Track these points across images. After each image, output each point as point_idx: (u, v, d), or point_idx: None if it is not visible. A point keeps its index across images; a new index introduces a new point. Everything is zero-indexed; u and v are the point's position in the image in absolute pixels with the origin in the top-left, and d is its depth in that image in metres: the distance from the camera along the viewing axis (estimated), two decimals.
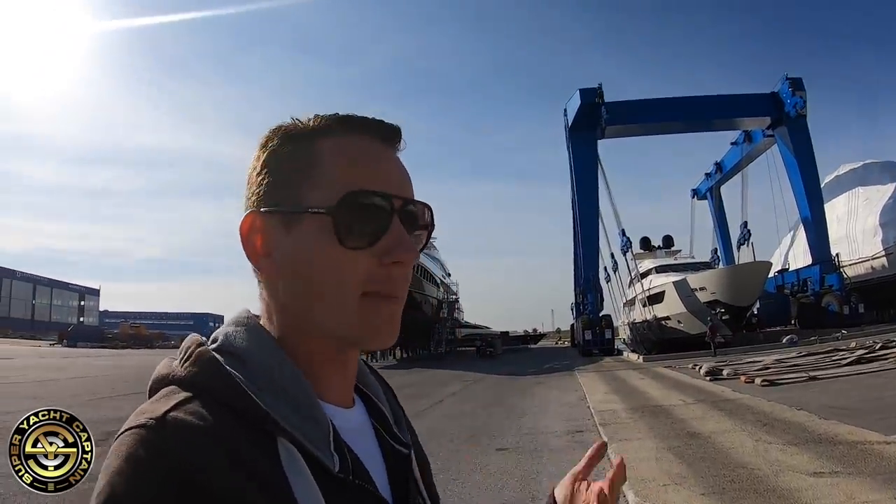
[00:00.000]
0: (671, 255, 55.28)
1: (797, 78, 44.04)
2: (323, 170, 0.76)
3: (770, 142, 47.22)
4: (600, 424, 11.08)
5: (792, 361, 19.28)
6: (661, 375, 21.38)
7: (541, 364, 33.27)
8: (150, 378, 0.76)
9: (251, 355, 0.74)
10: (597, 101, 45.30)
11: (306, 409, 0.73)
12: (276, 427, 0.69)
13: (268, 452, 0.67)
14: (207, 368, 0.72)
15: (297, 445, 0.69)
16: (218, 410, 0.67)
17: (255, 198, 0.79)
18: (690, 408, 12.37)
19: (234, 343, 0.76)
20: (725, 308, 36.27)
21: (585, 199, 46.40)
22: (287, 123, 0.81)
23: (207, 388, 0.70)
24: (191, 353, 0.74)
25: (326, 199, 0.74)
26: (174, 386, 0.71)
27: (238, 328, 0.78)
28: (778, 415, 10.45)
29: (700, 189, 65.64)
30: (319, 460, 0.70)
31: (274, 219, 0.77)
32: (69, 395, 16.53)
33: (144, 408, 0.69)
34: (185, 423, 0.64)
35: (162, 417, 0.64)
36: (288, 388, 0.73)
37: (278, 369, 0.74)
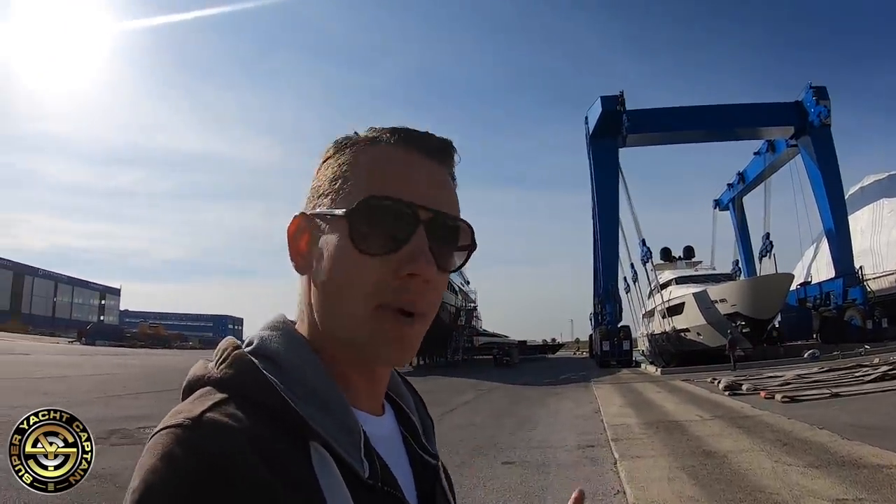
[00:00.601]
0: (692, 266, 54.46)
1: (821, 87, 43.34)
2: (357, 177, 0.79)
3: (793, 152, 46.46)
4: (612, 440, 10.76)
5: (813, 377, 18.76)
6: (679, 389, 20.96)
7: (557, 374, 32.94)
8: (185, 379, 0.77)
9: (286, 359, 0.75)
10: (618, 109, 44.90)
11: (339, 414, 0.74)
12: (309, 431, 0.70)
13: (301, 455, 0.69)
14: (243, 371, 0.73)
15: (329, 450, 0.71)
16: (253, 413, 0.68)
17: (307, 201, 0.83)
18: (707, 424, 12.00)
19: (270, 347, 0.77)
20: (746, 321, 35.59)
21: (606, 207, 46.01)
22: (344, 135, 0.84)
23: (243, 390, 0.71)
24: (227, 355, 0.76)
25: (343, 204, 0.77)
26: (210, 387, 0.73)
27: (273, 332, 0.79)
28: (799, 434, 10.08)
29: (722, 199, 64.70)
30: (350, 465, 0.71)
31: (315, 222, 0.80)
32: (80, 391, 16.68)
33: (181, 408, 0.70)
34: (222, 424, 0.66)
35: (198, 417, 0.66)
36: (321, 393, 0.74)
37: (312, 374, 0.75)
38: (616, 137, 45.71)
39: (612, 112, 44.97)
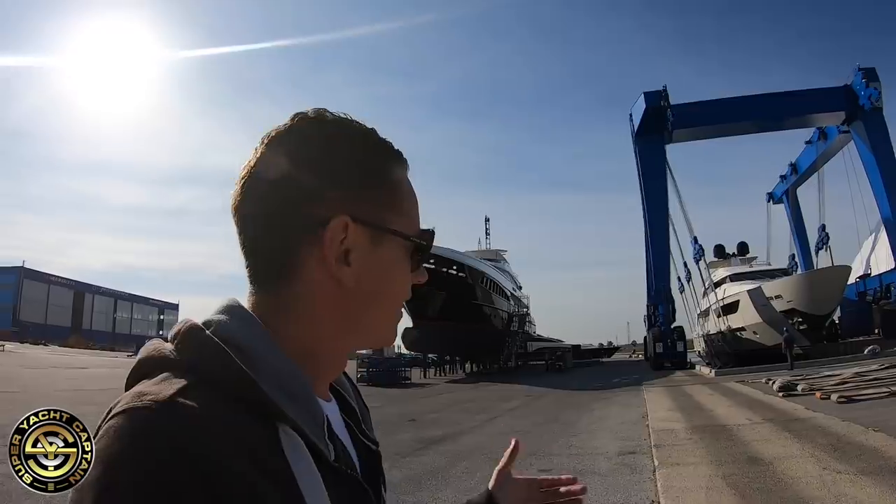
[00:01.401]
0: (746, 262, 53.10)
1: (870, 68, 41.99)
2: (401, 199, 0.85)
3: (846, 138, 44.96)
4: (655, 446, 10.47)
5: (872, 375, 17.93)
6: (732, 391, 20.33)
7: (609, 378, 32.48)
8: (136, 359, 0.75)
9: (247, 343, 0.73)
10: (662, 104, 44.30)
11: (303, 399, 0.74)
12: (279, 414, 0.69)
13: (271, 440, 0.68)
14: (208, 354, 0.71)
15: (299, 433, 0.70)
16: (222, 397, 0.67)
17: (339, 201, 0.79)
18: (756, 428, 11.56)
19: (230, 329, 0.74)
20: (803, 317, 34.47)
21: (655, 206, 45.33)
22: (363, 129, 0.84)
23: (209, 373, 0.69)
24: (188, 336, 0.73)
25: (407, 228, 0.84)
26: (172, 369, 0.70)
27: (231, 316, 0.77)
28: (852, 437, 9.62)
29: (776, 192, 63.03)
30: (317, 448, 0.72)
31: (362, 230, 0.79)
32: None
33: (143, 389, 0.67)
34: (193, 409, 0.63)
35: (168, 402, 0.63)
36: (284, 376, 0.73)
37: (274, 358, 0.74)
38: (661, 133, 45.14)
39: (656, 108, 44.45)
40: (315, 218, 0.77)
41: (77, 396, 16.88)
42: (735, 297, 41.62)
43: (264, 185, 0.79)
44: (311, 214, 0.77)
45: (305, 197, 0.78)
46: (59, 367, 30.79)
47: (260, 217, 0.79)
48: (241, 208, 0.80)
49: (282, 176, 0.78)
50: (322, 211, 0.77)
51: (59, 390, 19.49)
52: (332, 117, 0.83)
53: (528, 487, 1.14)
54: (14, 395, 16.53)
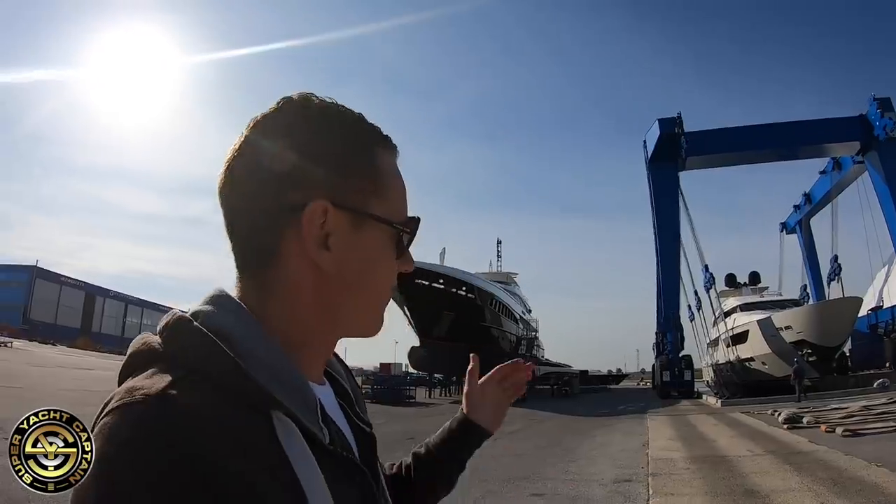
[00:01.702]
0: (757, 292, 52.82)
1: (885, 98, 41.58)
2: (386, 185, 0.84)
3: (860, 169, 44.55)
4: (651, 474, 10.27)
5: (880, 408, 17.55)
6: (736, 422, 19.99)
7: (614, 405, 32.13)
8: (127, 353, 0.75)
9: (235, 332, 0.73)
10: (676, 131, 44.21)
11: (294, 384, 0.74)
12: (272, 401, 0.69)
13: (265, 428, 0.68)
14: (196, 344, 0.71)
15: (292, 419, 0.70)
16: (213, 389, 0.67)
17: (319, 186, 0.78)
18: (756, 460, 11.31)
19: (217, 319, 0.74)
20: (812, 349, 34.00)
21: (666, 233, 45.15)
22: (349, 114, 0.84)
23: (199, 364, 0.69)
24: (179, 329, 0.73)
25: (392, 215, 0.83)
26: (161, 363, 0.70)
27: (218, 306, 0.77)
28: (853, 472, 9.38)
29: (789, 222, 62.65)
30: (311, 433, 0.72)
31: (343, 216, 0.79)
32: None
33: (134, 384, 0.67)
34: (185, 402, 0.64)
35: (160, 396, 0.64)
36: (273, 363, 0.73)
37: (262, 345, 0.74)
38: (675, 160, 44.97)
39: (671, 134, 44.39)
40: (295, 202, 0.77)
41: (80, 397, 16.70)
42: (745, 326, 41.18)
43: (247, 169, 0.79)
44: (292, 199, 0.77)
45: (286, 181, 0.77)
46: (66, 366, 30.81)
47: (242, 201, 0.79)
48: (225, 192, 0.80)
49: (264, 159, 0.78)
50: (302, 196, 0.77)
51: (63, 389, 19.41)
52: (318, 102, 0.83)
53: (487, 386, 1.28)
54: (19, 392, 16.60)
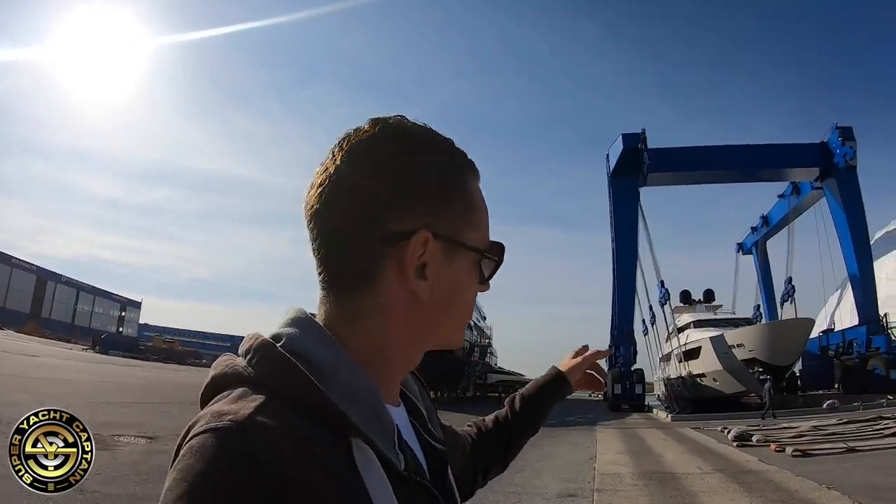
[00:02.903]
0: (711, 309, 53.35)
1: (847, 127, 42.28)
2: (478, 214, 0.86)
3: (818, 195, 45.26)
4: (597, 490, 9.77)
5: (830, 429, 17.45)
6: (685, 437, 19.72)
7: (563, 416, 31.66)
8: (210, 375, 0.77)
9: (318, 356, 0.75)
10: (639, 147, 44.23)
11: (373, 409, 0.75)
12: (351, 428, 0.70)
13: (344, 454, 0.69)
14: (281, 369, 0.72)
15: (371, 445, 0.71)
16: (296, 413, 0.68)
17: (419, 215, 0.79)
18: (705, 479, 10.89)
19: (300, 343, 0.76)
20: (764, 367, 34.14)
21: (624, 247, 45.09)
22: (443, 141, 0.85)
23: (283, 389, 0.70)
24: (260, 352, 0.75)
25: (481, 242, 0.85)
26: (246, 386, 0.72)
27: (299, 329, 0.79)
28: (804, 495, 8.99)
29: (745, 243, 63.54)
30: (388, 459, 0.73)
31: (440, 245, 0.80)
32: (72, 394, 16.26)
33: (222, 408, 0.68)
34: (271, 428, 0.64)
35: (246, 421, 0.65)
36: (355, 388, 0.74)
37: (344, 370, 0.75)
38: (637, 176, 44.90)
39: (634, 150, 44.31)
40: (397, 231, 0.77)
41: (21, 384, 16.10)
42: (698, 342, 41.35)
43: (346, 195, 0.79)
44: (393, 228, 0.78)
45: (388, 209, 0.78)
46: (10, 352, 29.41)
47: (340, 226, 0.79)
48: (319, 216, 0.80)
49: (363, 186, 0.78)
50: (404, 224, 0.78)
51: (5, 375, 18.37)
52: (412, 126, 0.83)
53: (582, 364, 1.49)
54: None
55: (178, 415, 14.50)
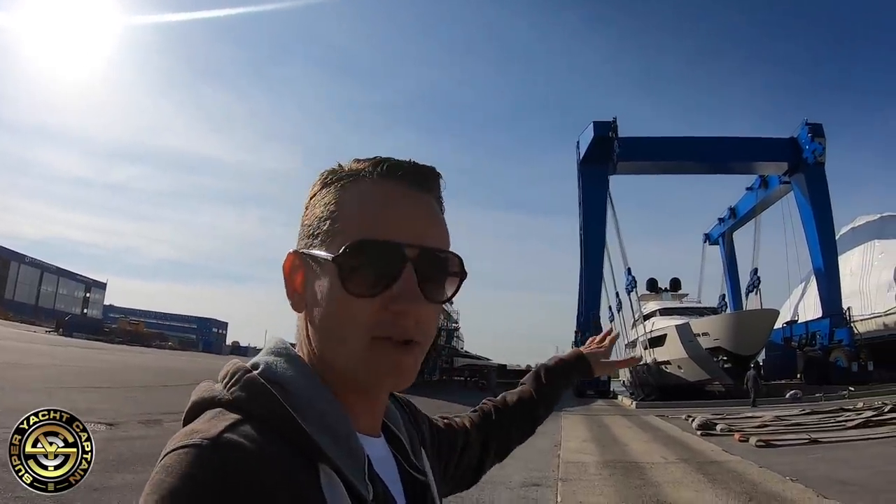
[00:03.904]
0: (677, 297, 54.10)
1: (817, 123, 42.95)
2: (343, 217, 0.80)
3: (786, 189, 45.95)
4: (561, 479, 9.59)
5: (793, 420, 17.61)
6: (649, 425, 19.78)
7: None
8: (190, 400, 0.78)
9: (292, 384, 0.77)
10: (610, 135, 44.27)
11: (344, 438, 0.75)
12: (320, 454, 0.71)
13: (311, 478, 0.70)
14: (256, 394, 0.74)
15: (338, 473, 0.72)
16: (268, 435, 0.69)
17: (299, 238, 0.84)
18: (669, 468, 10.79)
19: (277, 371, 0.78)
20: (728, 356, 34.66)
21: (592, 234, 45.37)
22: (329, 169, 0.86)
23: (256, 413, 0.72)
24: (238, 378, 0.76)
25: (338, 247, 0.78)
26: (221, 409, 0.73)
27: (278, 357, 0.81)
28: (768, 487, 8.91)
29: (712, 234, 64.29)
30: (356, 489, 0.73)
31: (307, 260, 0.81)
32: (30, 379, 15.65)
33: (195, 427, 0.70)
34: (240, 446, 0.66)
35: (216, 438, 0.66)
36: (327, 417, 0.76)
37: (318, 399, 0.77)
38: (606, 164, 45.10)
39: (604, 138, 44.45)
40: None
41: None
42: (663, 330, 41.84)
43: None
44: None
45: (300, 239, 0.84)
46: None
47: None
48: None
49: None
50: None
51: None
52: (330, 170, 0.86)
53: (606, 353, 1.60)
54: None
55: (143, 400, 14.12)
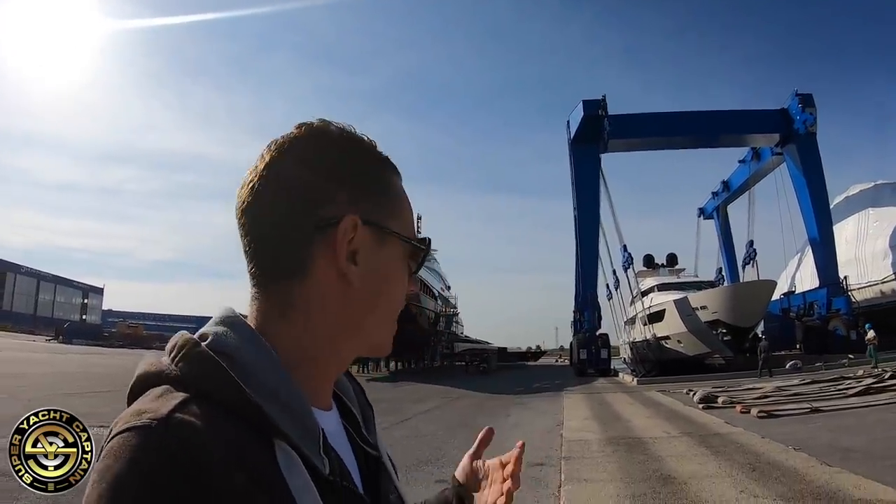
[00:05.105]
0: (674, 273, 53.93)
1: (807, 94, 42.52)
2: (402, 206, 0.87)
3: (779, 160, 45.59)
4: (565, 458, 9.62)
5: (794, 390, 17.67)
6: (651, 401, 19.79)
7: (530, 383, 31.85)
8: (135, 374, 0.74)
9: (244, 357, 0.73)
10: (600, 113, 43.98)
11: (298, 412, 0.73)
12: (273, 430, 0.69)
13: (267, 455, 0.68)
14: (205, 369, 0.70)
15: (293, 447, 0.70)
16: (219, 413, 0.67)
17: (347, 203, 0.80)
18: (673, 442, 10.84)
19: (227, 343, 0.74)
20: (727, 328, 34.73)
21: (586, 213, 45.01)
22: (365, 140, 0.86)
23: (206, 388, 0.69)
24: (185, 351, 0.73)
25: (407, 232, 0.85)
26: (168, 385, 0.70)
27: (227, 328, 0.77)
28: (772, 457, 8.95)
29: (706, 208, 63.99)
30: (311, 463, 0.72)
31: (369, 232, 0.81)
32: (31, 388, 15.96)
33: (141, 407, 0.66)
34: (191, 426, 0.64)
35: (165, 418, 0.64)
36: (280, 391, 0.73)
37: (268, 370, 0.74)
38: (597, 142, 44.65)
39: (594, 116, 44.01)
40: (326, 218, 0.78)
41: None
42: (661, 306, 41.79)
43: (276, 187, 0.79)
44: (323, 214, 0.78)
45: (317, 198, 0.79)
46: None
47: (272, 217, 0.79)
48: (251, 210, 0.80)
49: (294, 178, 0.79)
50: (333, 211, 0.79)
51: None
52: (337, 127, 0.84)
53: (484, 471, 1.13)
54: None
55: None
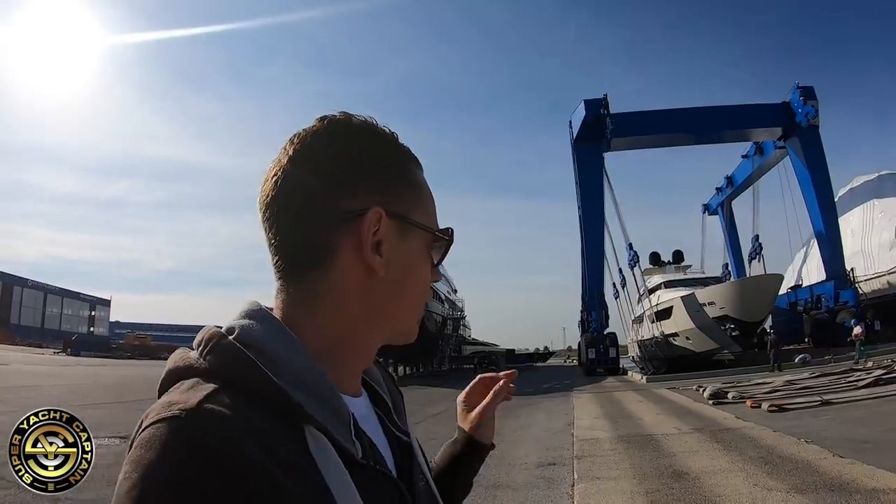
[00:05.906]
0: (681, 270, 53.83)
1: (808, 87, 42.43)
2: (424, 197, 0.88)
3: (782, 154, 45.56)
4: (577, 457, 9.64)
5: (803, 383, 17.66)
6: (661, 398, 19.77)
7: (539, 383, 31.80)
8: (165, 369, 0.76)
9: (271, 347, 0.75)
10: (602, 113, 43.98)
11: (327, 398, 0.74)
12: (304, 416, 0.70)
13: (298, 441, 0.69)
14: (233, 360, 0.72)
15: (324, 433, 0.71)
16: (248, 402, 0.68)
17: (372, 194, 0.81)
18: (684, 438, 10.85)
19: (253, 334, 0.76)
20: (735, 324, 34.58)
21: (590, 212, 45.02)
22: (387, 131, 0.87)
23: (234, 378, 0.70)
24: (212, 344, 0.75)
25: (432, 225, 0.87)
26: (198, 378, 0.72)
27: (253, 320, 0.78)
28: (784, 450, 8.95)
29: (711, 204, 63.97)
30: (343, 447, 0.73)
31: (393, 223, 0.82)
32: (41, 400, 15.68)
33: (172, 399, 0.68)
34: (220, 415, 0.65)
35: (195, 408, 0.65)
36: (307, 378, 0.74)
37: (297, 359, 0.75)
38: (600, 141, 44.64)
39: (596, 115, 44.05)
40: (351, 210, 0.79)
41: None
42: (669, 303, 41.71)
43: (300, 180, 0.80)
44: (347, 206, 0.79)
45: (341, 190, 0.80)
46: None
47: (296, 209, 0.80)
48: (274, 203, 0.81)
49: (317, 171, 0.80)
50: (357, 203, 0.80)
51: None
52: (358, 119, 0.85)
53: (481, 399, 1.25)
54: None
55: None
